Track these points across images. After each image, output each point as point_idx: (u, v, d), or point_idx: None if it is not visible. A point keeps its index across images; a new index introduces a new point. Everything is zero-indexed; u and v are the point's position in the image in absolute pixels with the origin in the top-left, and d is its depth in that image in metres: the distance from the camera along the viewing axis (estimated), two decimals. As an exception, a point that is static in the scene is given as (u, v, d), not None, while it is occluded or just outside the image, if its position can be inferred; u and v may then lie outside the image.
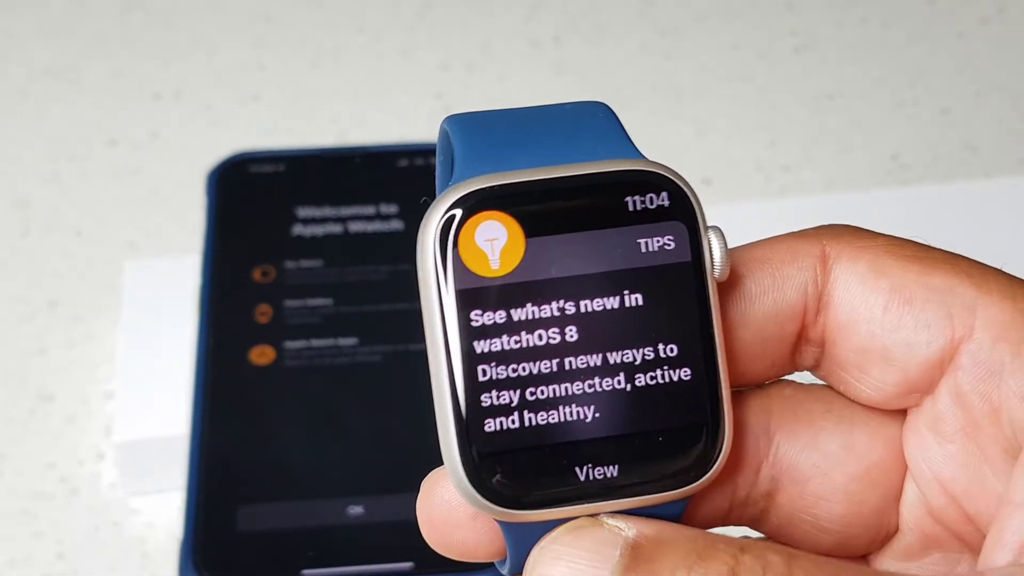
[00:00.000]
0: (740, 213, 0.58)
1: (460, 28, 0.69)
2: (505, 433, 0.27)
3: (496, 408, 0.27)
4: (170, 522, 0.51)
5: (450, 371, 0.27)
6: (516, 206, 0.27)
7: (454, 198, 0.27)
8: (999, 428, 0.28)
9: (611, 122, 0.29)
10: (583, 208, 0.27)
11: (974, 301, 0.28)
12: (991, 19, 0.69)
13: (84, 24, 0.69)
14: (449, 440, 0.27)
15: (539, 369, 0.27)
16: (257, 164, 0.58)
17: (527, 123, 0.29)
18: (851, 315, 0.29)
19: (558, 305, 0.27)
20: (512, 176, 0.27)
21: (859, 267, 0.29)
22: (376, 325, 0.53)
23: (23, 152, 0.64)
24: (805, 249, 0.29)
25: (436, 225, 0.27)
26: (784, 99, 0.66)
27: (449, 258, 0.27)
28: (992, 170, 0.62)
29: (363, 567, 0.47)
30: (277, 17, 0.70)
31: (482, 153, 0.28)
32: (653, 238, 0.28)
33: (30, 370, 0.55)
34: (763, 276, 0.29)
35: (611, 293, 0.27)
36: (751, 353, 0.29)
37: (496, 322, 0.27)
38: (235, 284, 0.54)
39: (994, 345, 0.28)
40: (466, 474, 0.27)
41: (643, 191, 0.28)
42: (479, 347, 0.27)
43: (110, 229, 0.60)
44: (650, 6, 0.70)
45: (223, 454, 0.50)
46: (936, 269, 0.29)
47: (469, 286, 0.27)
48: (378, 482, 0.49)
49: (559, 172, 0.28)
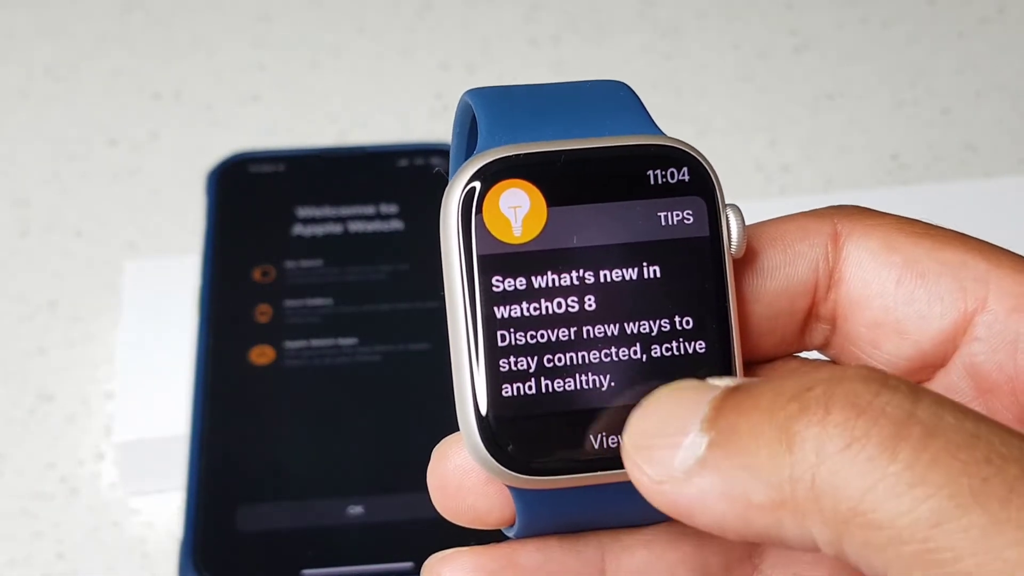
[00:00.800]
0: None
1: (460, 28, 0.69)
2: (522, 399, 0.27)
3: (514, 374, 0.27)
4: (170, 522, 0.51)
5: (469, 335, 0.27)
6: (539, 175, 0.28)
7: (479, 165, 0.28)
8: (1014, 395, 0.29)
9: (632, 100, 0.30)
10: (605, 179, 0.28)
11: (986, 274, 0.29)
12: (991, 19, 0.69)
13: (84, 24, 0.69)
14: (465, 404, 0.27)
15: (557, 336, 0.27)
16: (257, 164, 0.58)
17: (550, 98, 0.29)
18: (864, 290, 0.29)
19: (578, 274, 0.27)
20: (536, 146, 0.28)
21: (871, 243, 0.29)
22: (376, 325, 0.53)
23: (23, 152, 0.64)
24: (817, 227, 0.30)
25: (461, 190, 0.27)
26: (784, 99, 0.66)
27: (473, 223, 0.27)
28: (992, 170, 0.62)
29: (363, 567, 0.47)
30: (277, 17, 0.70)
31: (506, 124, 0.28)
32: (673, 212, 0.28)
33: (30, 370, 0.55)
34: (775, 253, 0.30)
35: (630, 264, 0.28)
36: (761, 328, 0.30)
37: (517, 288, 0.27)
38: (235, 284, 0.54)
39: (1009, 316, 0.28)
40: (482, 439, 0.27)
41: (664, 165, 0.29)
42: (499, 312, 0.27)
43: (110, 229, 0.60)
44: (650, 6, 0.70)
45: (223, 454, 0.50)
46: (948, 245, 0.29)
47: (492, 252, 0.27)
48: (378, 482, 0.49)
49: (582, 144, 0.28)
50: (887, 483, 0.23)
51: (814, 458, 0.24)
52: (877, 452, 0.23)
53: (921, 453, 0.23)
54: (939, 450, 0.23)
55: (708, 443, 0.25)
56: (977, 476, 0.23)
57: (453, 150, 0.31)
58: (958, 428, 0.23)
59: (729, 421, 0.25)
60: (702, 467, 0.25)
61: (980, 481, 0.23)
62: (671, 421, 0.26)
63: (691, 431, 0.25)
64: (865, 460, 0.23)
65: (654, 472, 0.25)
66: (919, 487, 0.23)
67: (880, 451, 0.23)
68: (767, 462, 0.24)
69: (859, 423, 0.23)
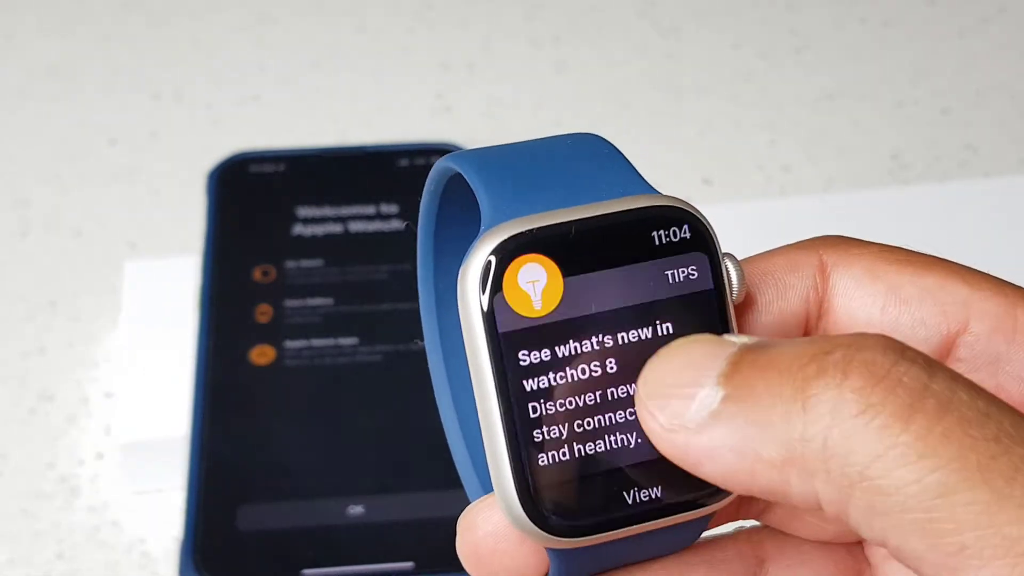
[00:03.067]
0: (740, 213, 0.58)
1: (460, 28, 0.69)
2: (558, 466, 0.28)
3: (548, 442, 0.28)
4: (170, 522, 0.51)
5: (503, 410, 0.28)
6: (553, 248, 0.28)
7: (494, 243, 0.28)
8: None
9: (616, 156, 0.30)
10: (615, 245, 0.29)
11: (967, 297, 0.29)
12: (991, 19, 0.69)
13: (84, 24, 0.69)
14: (503, 476, 0.28)
15: (584, 401, 0.28)
16: (257, 164, 0.58)
17: (539, 160, 0.30)
18: (851, 319, 0.30)
19: (598, 339, 0.28)
20: (545, 218, 0.29)
21: (855, 272, 0.30)
22: (376, 325, 0.53)
23: (23, 152, 0.64)
24: (803, 259, 0.31)
25: (479, 270, 0.28)
26: (784, 99, 0.66)
27: (494, 301, 0.28)
28: (992, 170, 0.62)
29: (363, 567, 0.47)
30: (277, 17, 0.70)
31: (508, 195, 0.29)
32: (678, 269, 0.29)
33: (30, 370, 0.55)
34: (767, 288, 0.30)
35: (644, 324, 0.29)
36: None
37: (543, 360, 0.28)
38: (235, 284, 0.54)
39: (990, 336, 0.29)
40: (524, 509, 0.28)
41: (667, 225, 0.29)
42: (528, 385, 0.28)
43: (110, 229, 0.60)
44: (650, 6, 0.70)
45: (223, 454, 0.50)
46: (928, 271, 0.30)
47: (515, 328, 0.28)
48: (378, 482, 0.49)
49: (589, 212, 0.29)
50: (897, 451, 0.24)
51: (828, 420, 0.24)
52: (891, 420, 0.24)
53: (934, 425, 0.24)
54: (951, 424, 0.24)
55: (723, 397, 0.26)
56: (985, 453, 0.23)
57: (424, 210, 0.32)
58: (971, 405, 0.24)
59: (745, 377, 0.26)
60: (715, 419, 0.26)
61: (988, 458, 0.23)
62: (687, 372, 0.26)
63: (707, 384, 0.26)
64: (878, 427, 0.24)
65: (666, 420, 0.26)
66: (928, 458, 0.23)
67: (894, 420, 0.24)
68: (781, 420, 0.25)
69: (876, 391, 0.24)
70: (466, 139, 0.63)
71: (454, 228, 0.31)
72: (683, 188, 0.62)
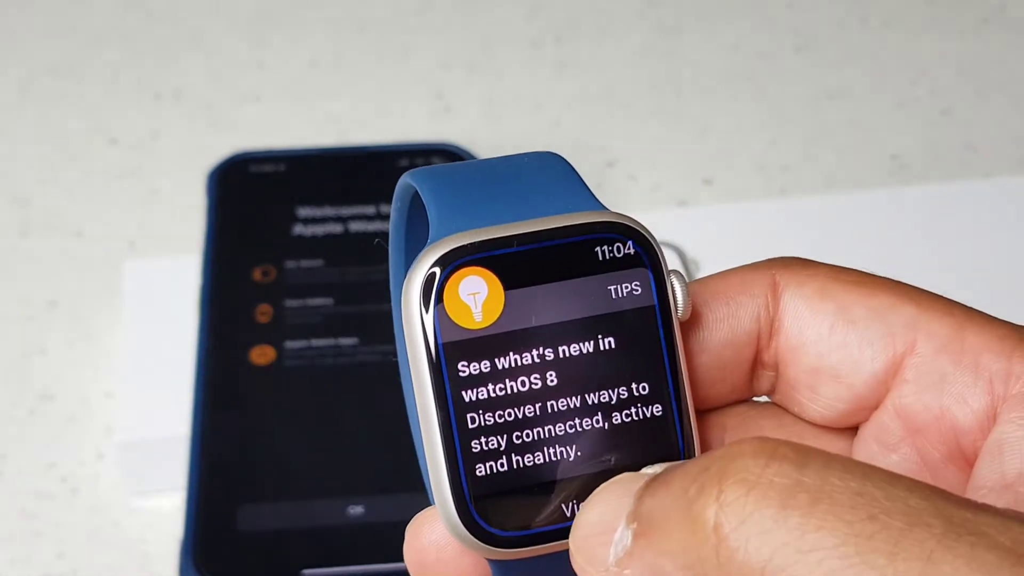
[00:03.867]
0: (740, 213, 0.58)
1: (460, 28, 0.69)
2: (495, 476, 0.29)
3: (486, 453, 0.29)
4: (170, 522, 0.51)
5: (440, 420, 0.28)
6: (495, 261, 0.29)
7: (436, 255, 0.29)
8: (941, 434, 0.30)
9: (570, 174, 0.31)
10: (557, 259, 0.29)
11: (915, 318, 0.30)
12: (991, 19, 0.69)
13: (84, 24, 0.69)
14: (441, 485, 0.29)
15: (524, 413, 0.29)
16: (257, 164, 0.58)
17: (491, 177, 0.31)
18: (800, 337, 0.31)
19: (538, 352, 0.29)
20: (489, 232, 0.29)
21: (806, 291, 0.31)
22: (376, 325, 0.53)
23: (23, 152, 0.64)
24: (756, 279, 0.31)
25: (421, 281, 0.29)
26: (784, 99, 0.66)
27: (434, 313, 0.28)
28: (992, 170, 0.62)
29: (363, 567, 0.47)
30: (277, 17, 0.70)
31: (455, 209, 0.30)
32: (622, 284, 0.29)
33: (30, 370, 0.55)
34: (719, 306, 0.31)
35: (586, 338, 0.29)
36: (711, 378, 0.31)
37: (482, 371, 0.29)
38: (235, 284, 0.54)
39: (936, 357, 0.30)
40: (460, 517, 0.28)
41: (611, 241, 0.30)
42: (467, 396, 0.28)
43: (110, 229, 0.60)
44: (650, 6, 0.70)
45: (223, 454, 0.50)
46: (878, 291, 0.30)
47: (455, 338, 0.29)
48: (378, 482, 0.49)
49: (532, 227, 0.29)
50: (783, 552, 0.24)
51: (715, 538, 0.25)
52: (770, 524, 0.24)
53: (809, 518, 0.24)
54: (825, 512, 0.24)
55: (632, 534, 0.26)
56: (863, 535, 0.24)
57: (393, 226, 0.33)
58: (843, 488, 0.24)
59: (647, 510, 0.26)
60: (631, 558, 0.26)
61: (866, 539, 0.24)
62: (604, 517, 0.27)
63: (619, 524, 0.27)
64: (760, 533, 0.24)
65: (594, 569, 0.27)
66: (812, 552, 0.24)
67: (773, 523, 0.24)
68: (679, 546, 0.25)
69: (750, 498, 0.25)
70: (466, 139, 0.63)
71: (424, 243, 0.31)
72: (683, 188, 0.62)
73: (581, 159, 0.63)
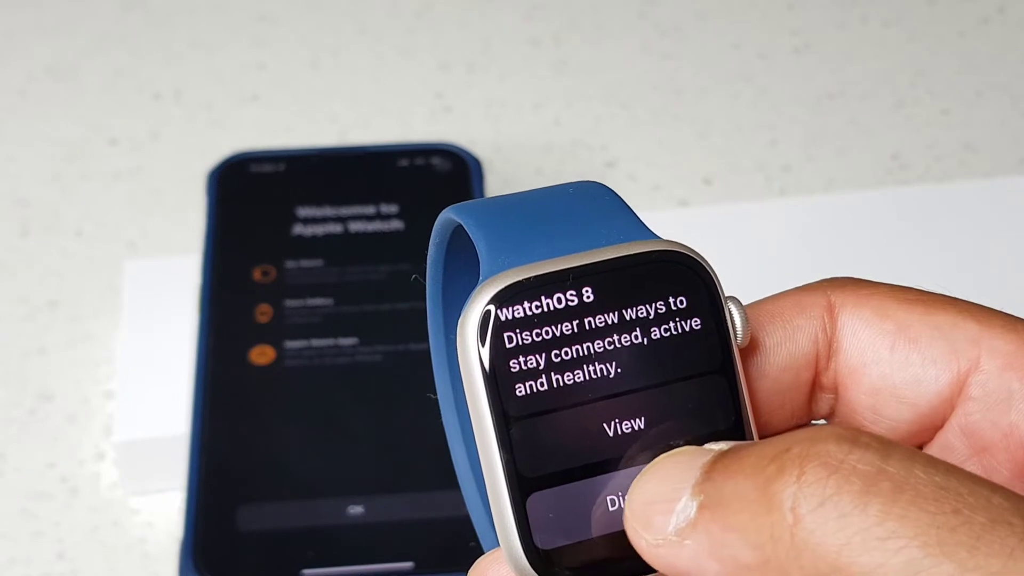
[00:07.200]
0: (740, 213, 0.58)
1: (460, 28, 0.69)
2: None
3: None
4: (170, 522, 0.51)
5: (504, 461, 0.28)
6: (552, 296, 0.28)
7: (491, 293, 0.28)
8: (1009, 452, 0.29)
9: (618, 203, 0.30)
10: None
11: (978, 335, 0.29)
12: (991, 19, 0.69)
13: (84, 24, 0.69)
14: (508, 529, 0.28)
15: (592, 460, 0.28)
16: (257, 164, 0.58)
17: (537, 209, 0.30)
18: (860, 358, 0.30)
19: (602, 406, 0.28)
20: (543, 267, 0.28)
21: (864, 312, 0.30)
22: (376, 325, 0.53)
23: (23, 152, 0.64)
24: (812, 300, 0.31)
25: (477, 321, 0.28)
26: (784, 99, 0.66)
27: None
28: (992, 170, 0.62)
29: (363, 567, 0.47)
30: (277, 17, 0.70)
31: (504, 245, 0.29)
32: (680, 313, 0.29)
33: (30, 370, 0.55)
34: (775, 330, 0.31)
35: (647, 369, 0.29)
36: (771, 404, 0.31)
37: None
38: (235, 284, 0.54)
39: (1002, 374, 0.29)
40: (532, 566, 0.28)
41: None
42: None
43: (110, 229, 0.60)
44: (650, 6, 0.70)
45: (223, 454, 0.50)
46: (938, 309, 0.30)
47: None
48: (378, 482, 0.49)
49: (587, 259, 0.29)
50: (861, 537, 0.24)
51: (791, 518, 0.25)
52: (850, 508, 0.24)
53: (891, 507, 0.24)
54: (908, 503, 0.24)
55: (698, 506, 0.26)
56: (946, 527, 0.24)
57: (431, 262, 0.32)
58: (927, 481, 0.24)
59: (716, 484, 0.26)
60: (693, 529, 0.26)
61: (948, 531, 0.24)
62: (666, 486, 0.27)
63: (683, 495, 0.26)
64: (838, 517, 0.24)
65: (651, 536, 0.27)
66: (891, 539, 0.24)
67: (853, 507, 0.24)
68: (750, 523, 0.25)
69: (831, 481, 0.24)
70: (466, 139, 0.63)
71: (463, 278, 0.31)
72: (683, 188, 0.62)
73: (581, 159, 0.63)
